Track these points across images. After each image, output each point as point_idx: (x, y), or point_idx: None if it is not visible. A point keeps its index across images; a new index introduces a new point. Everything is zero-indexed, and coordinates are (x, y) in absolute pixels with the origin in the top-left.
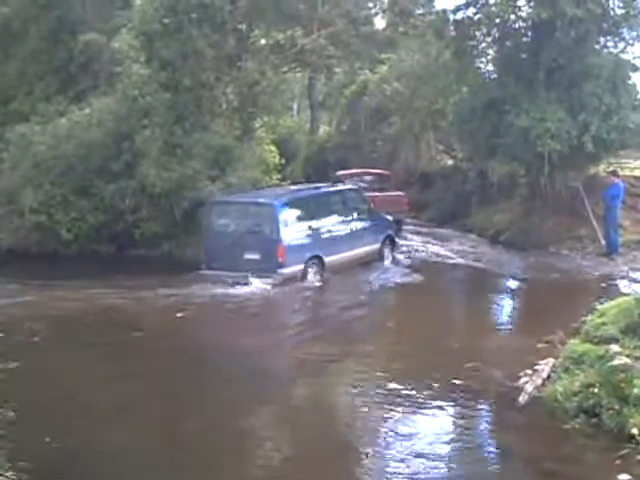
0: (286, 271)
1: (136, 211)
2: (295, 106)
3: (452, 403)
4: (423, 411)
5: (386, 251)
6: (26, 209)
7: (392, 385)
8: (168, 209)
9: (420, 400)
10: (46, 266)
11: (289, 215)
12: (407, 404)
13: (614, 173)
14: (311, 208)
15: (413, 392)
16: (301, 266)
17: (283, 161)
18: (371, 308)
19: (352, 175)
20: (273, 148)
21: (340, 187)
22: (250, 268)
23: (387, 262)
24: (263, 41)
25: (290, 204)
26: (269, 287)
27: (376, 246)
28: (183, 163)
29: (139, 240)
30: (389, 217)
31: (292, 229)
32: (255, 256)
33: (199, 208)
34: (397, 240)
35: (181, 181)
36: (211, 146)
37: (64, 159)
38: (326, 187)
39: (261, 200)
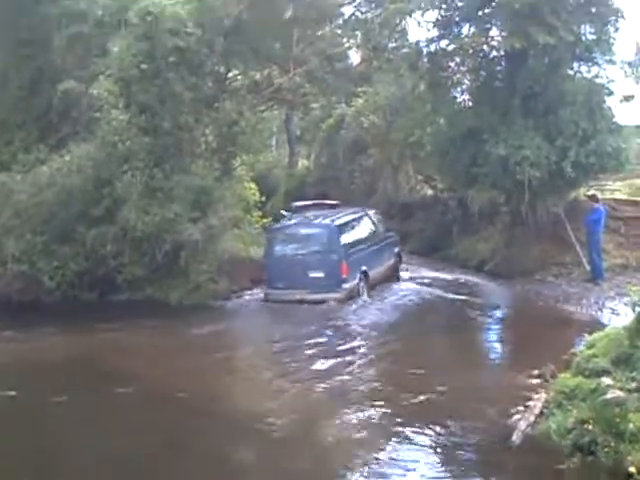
0: (347, 286)
1: (118, 256)
2: (273, 141)
3: (444, 443)
4: (414, 452)
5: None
6: (8, 258)
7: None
8: (150, 253)
9: (412, 438)
10: (34, 315)
11: (344, 236)
12: (397, 443)
13: (594, 198)
14: (355, 229)
15: (406, 430)
16: (356, 281)
17: (263, 198)
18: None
19: (307, 206)
20: (253, 185)
21: (367, 210)
22: (315, 285)
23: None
24: (240, 81)
25: (344, 226)
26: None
27: (393, 260)
28: (164, 206)
29: (122, 285)
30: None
31: (348, 248)
32: (319, 274)
33: (180, 251)
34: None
35: (162, 224)
36: (191, 188)
37: (45, 207)
38: (355, 209)
39: (322, 224)
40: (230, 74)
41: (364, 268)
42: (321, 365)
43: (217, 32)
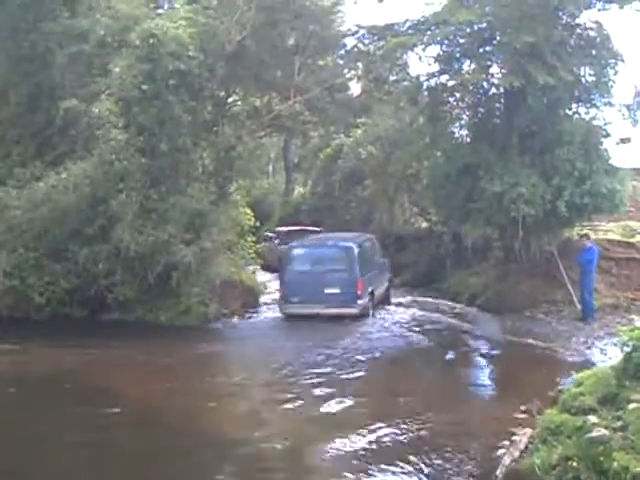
0: (361, 302)
1: (110, 275)
2: (271, 168)
3: (428, 477)
4: None
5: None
6: (0, 273)
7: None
8: (142, 273)
9: (396, 471)
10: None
11: (359, 256)
12: (381, 475)
13: (586, 237)
14: (365, 251)
15: (390, 462)
16: (367, 298)
17: (258, 223)
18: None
19: (290, 231)
20: (248, 210)
21: (370, 235)
22: (331, 301)
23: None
24: (240, 106)
25: (359, 246)
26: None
27: (387, 284)
28: (158, 227)
29: (112, 304)
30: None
31: (362, 267)
32: (336, 290)
33: (173, 272)
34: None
35: (156, 245)
36: (186, 210)
37: (39, 223)
38: (360, 234)
39: (341, 244)
40: (230, 99)
41: (371, 288)
42: (314, 392)
43: (219, 57)
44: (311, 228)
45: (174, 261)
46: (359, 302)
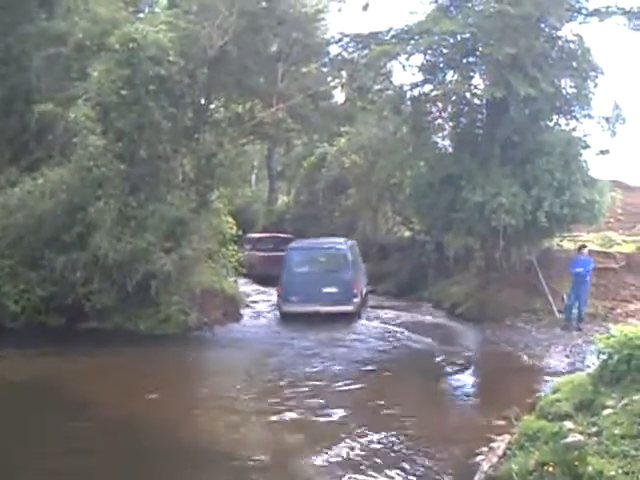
0: (356, 300)
1: (87, 283)
2: (253, 176)
3: None
4: None
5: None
6: None
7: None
8: (121, 281)
9: (377, 477)
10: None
11: (352, 258)
12: None
13: (584, 248)
14: (354, 254)
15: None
16: (360, 297)
17: (240, 232)
18: None
19: (261, 238)
20: (230, 219)
21: (353, 241)
22: (329, 299)
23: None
24: (222, 113)
25: (351, 250)
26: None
27: (367, 288)
28: (137, 235)
29: (90, 313)
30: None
31: (355, 269)
32: (333, 289)
33: (152, 281)
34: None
35: (134, 253)
36: (166, 218)
37: (14, 229)
38: (346, 239)
39: (337, 246)
40: (212, 105)
41: (363, 288)
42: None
43: (200, 62)
44: (282, 235)
45: (153, 269)
46: (355, 300)
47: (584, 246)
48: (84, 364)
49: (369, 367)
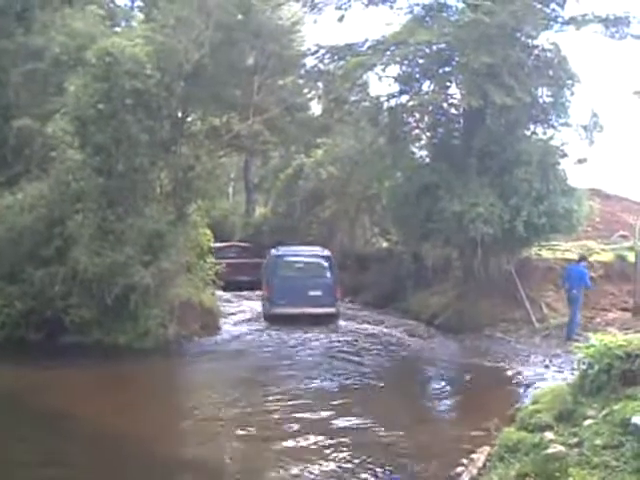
0: (338, 303)
1: (66, 297)
2: (231, 188)
3: None
4: None
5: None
6: None
7: None
8: (100, 295)
9: None
10: None
11: (332, 265)
12: None
13: (583, 258)
14: (332, 261)
15: None
16: (339, 301)
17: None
18: None
19: (224, 247)
20: (208, 231)
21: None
22: (314, 302)
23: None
24: (198, 126)
25: (331, 257)
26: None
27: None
28: (115, 248)
29: (69, 327)
30: None
31: (335, 275)
32: (317, 293)
33: (131, 294)
34: None
35: (113, 267)
36: (144, 231)
37: None
38: (323, 248)
39: (320, 254)
40: (189, 118)
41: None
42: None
43: (177, 76)
44: (241, 244)
45: (132, 283)
46: (336, 303)
47: (584, 258)
48: (62, 378)
49: (349, 381)
